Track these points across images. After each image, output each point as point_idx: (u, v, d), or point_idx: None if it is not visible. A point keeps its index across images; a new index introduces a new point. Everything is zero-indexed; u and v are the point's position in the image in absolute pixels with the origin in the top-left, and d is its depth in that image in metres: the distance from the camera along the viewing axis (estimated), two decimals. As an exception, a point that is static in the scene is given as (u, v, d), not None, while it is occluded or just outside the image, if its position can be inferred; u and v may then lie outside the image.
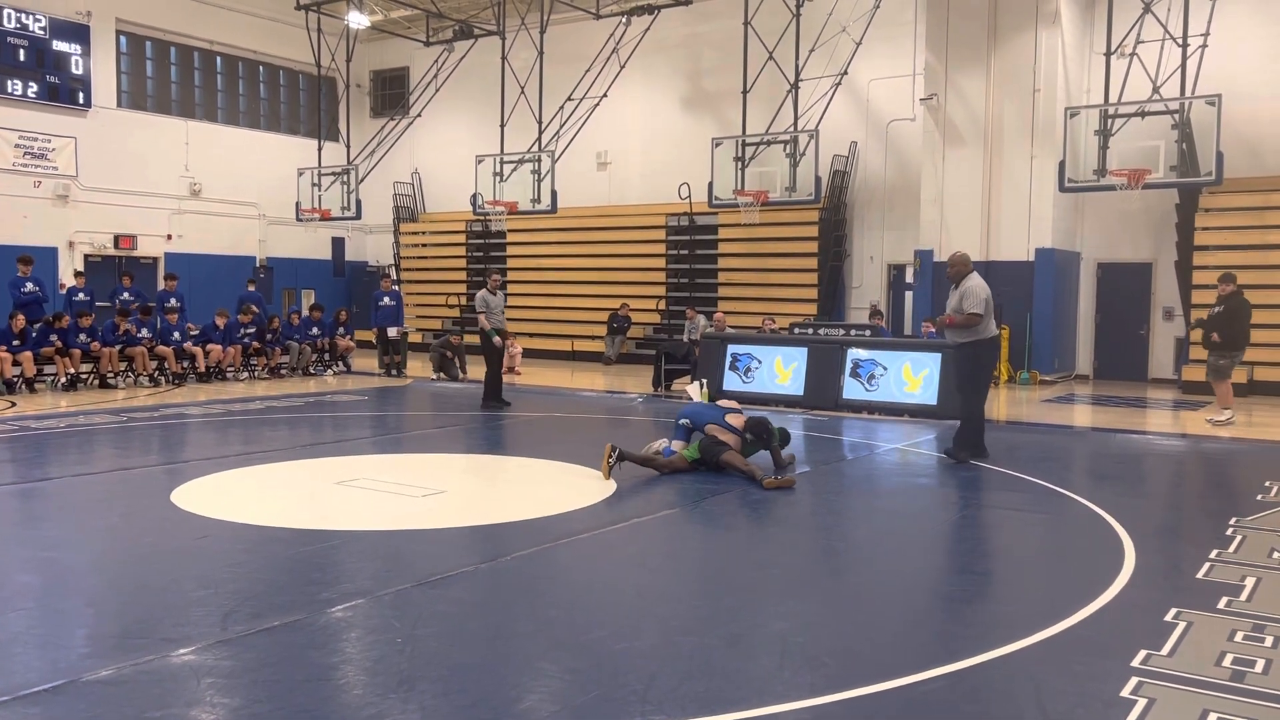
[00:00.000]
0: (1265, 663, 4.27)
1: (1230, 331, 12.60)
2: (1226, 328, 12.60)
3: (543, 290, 24.27)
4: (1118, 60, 15.35)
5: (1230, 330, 12.61)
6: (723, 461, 8.50)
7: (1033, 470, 9.02)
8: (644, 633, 4.70)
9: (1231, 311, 12.64)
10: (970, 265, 9.64)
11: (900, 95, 19.73)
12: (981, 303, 9.20)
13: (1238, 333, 12.67)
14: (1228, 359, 12.65)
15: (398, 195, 26.65)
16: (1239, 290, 12.82)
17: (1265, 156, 16.86)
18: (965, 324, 9.27)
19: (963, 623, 4.91)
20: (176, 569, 5.67)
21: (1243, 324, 12.67)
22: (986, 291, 9.35)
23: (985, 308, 9.24)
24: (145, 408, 13.16)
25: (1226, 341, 12.60)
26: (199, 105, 24.79)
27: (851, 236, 21.13)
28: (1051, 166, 16.29)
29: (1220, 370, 12.66)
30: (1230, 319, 12.62)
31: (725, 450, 8.56)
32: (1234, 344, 12.66)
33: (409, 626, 4.66)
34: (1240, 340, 12.71)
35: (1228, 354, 12.65)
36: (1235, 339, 12.66)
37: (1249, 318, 12.79)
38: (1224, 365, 12.64)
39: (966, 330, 9.35)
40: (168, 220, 23.33)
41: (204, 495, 7.56)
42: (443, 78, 24.08)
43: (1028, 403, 15.00)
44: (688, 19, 21.86)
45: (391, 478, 8.46)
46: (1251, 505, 7.55)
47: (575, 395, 16.00)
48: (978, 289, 9.27)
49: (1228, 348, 12.63)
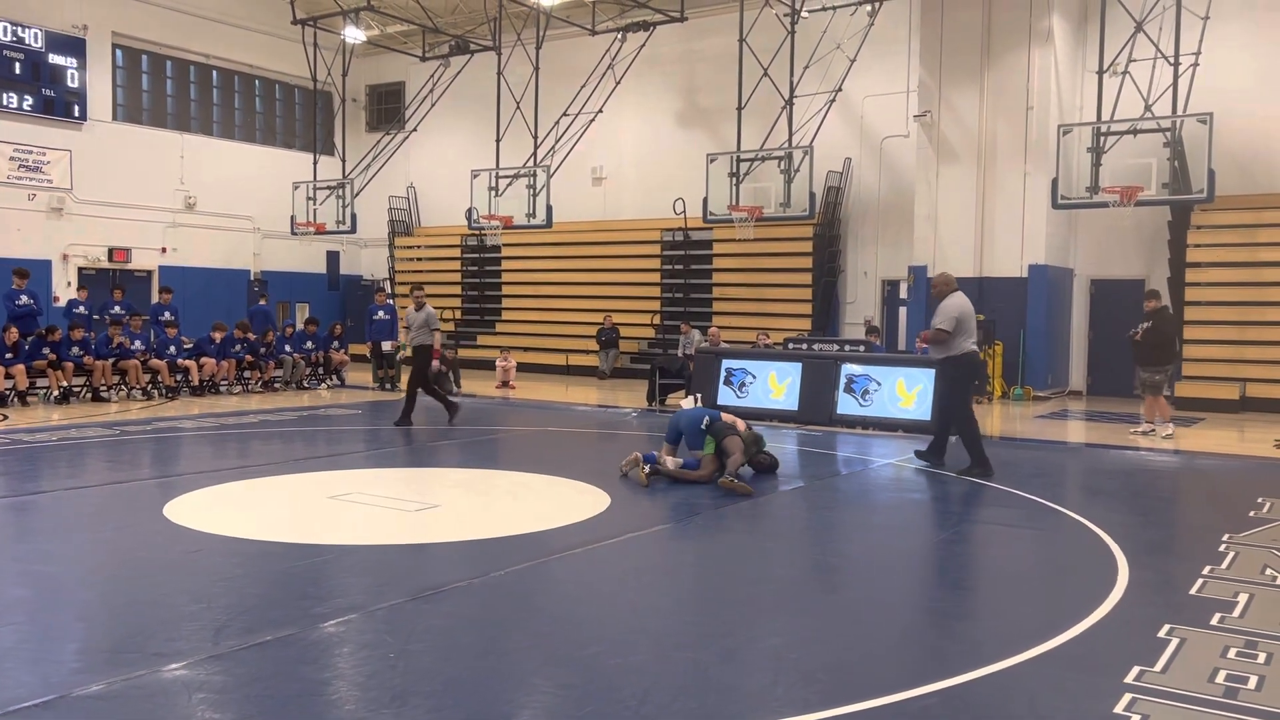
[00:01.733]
0: (1258, 679, 4.27)
1: (1158, 345, 12.80)
2: (1156, 343, 12.79)
3: (538, 305, 24.30)
4: (1110, 78, 15.45)
5: (1158, 344, 12.80)
6: (726, 446, 8.70)
7: (1026, 486, 9.03)
8: (638, 648, 4.69)
9: (1159, 328, 12.82)
10: (953, 285, 9.90)
11: (894, 112, 19.84)
12: (950, 320, 9.50)
13: (1166, 346, 12.88)
14: (1161, 374, 12.84)
15: (393, 209, 26.69)
16: (1165, 307, 13.05)
17: (1256, 175, 16.96)
18: (934, 340, 9.65)
19: (956, 638, 4.91)
20: (168, 583, 5.65)
21: (1171, 339, 12.92)
22: (959, 310, 9.61)
23: (955, 325, 9.52)
24: (138, 421, 13.13)
25: (1156, 357, 12.80)
26: (194, 119, 24.82)
27: (846, 252, 21.19)
28: (1044, 183, 16.37)
29: (1155, 386, 12.83)
30: (1159, 335, 12.80)
31: (734, 434, 8.82)
32: (1165, 359, 12.89)
33: (402, 641, 4.64)
34: (1171, 355, 12.95)
35: (1160, 369, 12.84)
36: (1166, 354, 12.88)
37: (1177, 333, 12.91)
38: (1159, 381, 12.82)
39: (940, 347, 9.70)
40: (162, 233, 23.34)
41: (197, 509, 7.53)
42: (439, 92, 24.15)
43: (1021, 418, 15.02)
44: (683, 35, 21.97)
45: (385, 492, 8.44)
46: (1244, 521, 7.56)
47: (569, 409, 16.00)
48: (949, 307, 9.60)
49: (1159, 363, 12.83)
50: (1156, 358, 12.83)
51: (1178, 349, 12.97)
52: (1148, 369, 12.91)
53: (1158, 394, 12.85)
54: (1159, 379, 12.83)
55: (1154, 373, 12.85)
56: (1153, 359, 12.84)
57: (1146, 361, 12.92)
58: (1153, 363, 12.85)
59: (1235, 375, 16.12)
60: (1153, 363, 12.85)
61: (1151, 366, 12.86)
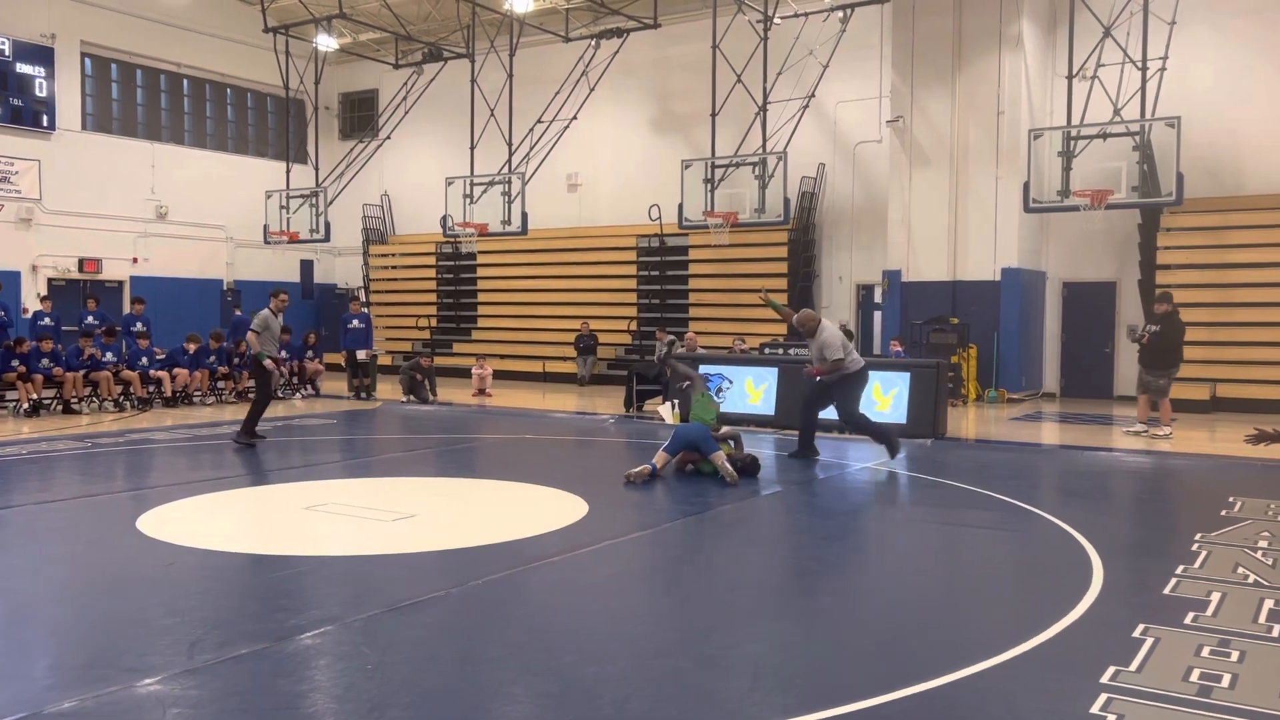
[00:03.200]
0: (1231, 677, 4.32)
1: (1167, 349, 12.84)
2: (1164, 347, 12.83)
3: (514, 312, 24.27)
4: (1079, 83, 15.63)
5: (1167, 348, 12.85)
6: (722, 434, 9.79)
7: (1001, 488, 9.09)
8: (616, 656, 4.68)
9: (1166, 331, 12.86)
10: (817, 319, 10.76)
11: (867, 117, 19.97)
12: (838, 348, 10.50)
13: (1174, 351, 12.90)
14: (1165, 377, 12.88)
15: (367, 217, 26.57)
16: (1175, 310, 13.03)
17: (1223, 177, 17.19)
18: (832, 370, 10.53)
19: (934, 641, 4.93)
20: (142, 597, 5.58)
21: (1178, 344, 12.93)
22: (840, 337, 10.72)
23: (844, 350, 10.55)
24: (110, 433, 12.99)
25: (1164, 360, 12.84)
26: (165, 128, 24.62)
27: (820, 257, 21.29)
28: (1016, 187, 16.52)
29: (1160, 389, 12.90)
30: (1165, 339, 12.84)
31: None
32: (1172, 362, 12.90)
33: (378, 653, 4.61)
34: (1177, 358, 12.95)
35: (1165, 372, 12.88)
36: (1172, 357, 12.89)
37: (1183, 337, 13.03)
38: (1163, 384, 12.88)
39: (837, 370, 10.57)
40: (133, 243, 23.12)
41: (170, 522, 7.45)
42: (412, 100, 24.08)
43: (996, 421, 15.13)
44: (656, 42, 22.02)
45: (361, 502, 8.39)
46: (1216, 520, 7.64)
47: (547, 417, 15.97)
48: (831, 338, 10.54)
49: (1165, 366, 12.87)
50: (1162, 361, 12.83)
51: (1182, 353, 13.01)
52: (1152, 372, 12.94)
53: (1162, 396, 12.87)
54: (1163, 383, 12.86)
55: (1158, 376, 12.88)
56: (1158, 362, 12.85)
57: (1152, 365, 12.95)
58: (1158, 366, 12.86)
59: (1206, 376, 16.29)
60: (1158, 366, 12.86)
61: (1156, 370, 12.88)
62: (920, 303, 18.36)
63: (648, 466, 9.18)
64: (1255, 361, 16.14)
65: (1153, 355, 12.93)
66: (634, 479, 9.03)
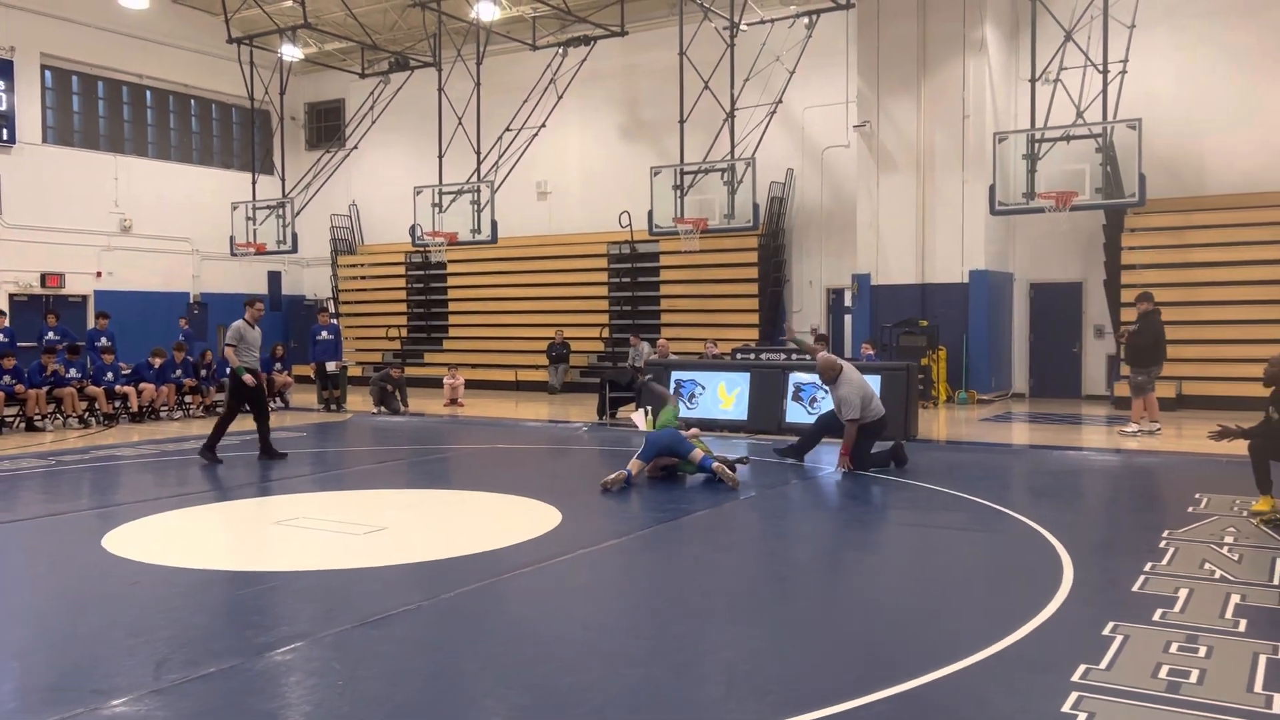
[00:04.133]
0: (1199, 673, 4.36)
1: (1148, 347, 13.02)
2: (1145, 345, 13.02)
3: (485, 321, 24.18)
4: (1042, 86, 15.80)
5: (1150, 347, 13.02)
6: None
7: (972, 489, 9.15)
8: (590, 666, 4.66)
9: (1145, 329, 13.05)
10: (838, 368, 10.24)
11: (834, 122, 20.09)
12: (856, 407, 10.02)
13: (1155, 348, 13.08)
14: (1145, 375, 13.07)
15: (335, 228, 26.41)
16: (1156, 309, 13.24)
17: (1185, 177, 17.43)
18: (853, 435, 10.08)
19: (907, 644, 4.94)
20: (108, 617, 5.50)
21: (1160, 341, 13.11)
22: (859, 390, 10.18)
23: (861, 405, 10.06)
24: (75, 450, 12.80)
25: (1145, 358, 13.02)
26: (129, 140, 24.36)
27: (791, 262, 21.38)
28: (982, 190, 16.67)
29: (1141, 386, 13.08)
30: (1144, 337, 13.04)
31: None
32: (1154, 360, 13.08)
33: (350, 668, 4.56)
34: (1159, 356, 13.14)
35: (1146, 370, 13.07)
36: (1155, 355, 13.07)
37: (1163, 334, 13.23)
38: (1143, 381, 13.07)
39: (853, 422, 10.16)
40: (97, 257, 22.84)
41: (137, 539, 7.35)
42: (379, 109, 23.97)
43: (966, 422, 15.24)
44: (624, 50, 22.06)
45: (332, 516, 8.31)
46: (1183, 517, 7.73)
47: (519, 426, 15.91)
48: (848, 394, 10.05)
49: (1147, 364, 13.05)
50: (1143, 359, 13.02)
51: (1164, 351, 13.22)
52: (1134, 370, 13.14)
53: (1143, 393, 13.06)
54: (1141, 379, 13.05)
55: (1138, 373, 13.08)
56: (1139, 360, 13.05)
57: (1133, 362, 13.16)
58: (1139, 363, 13.06)
59: (1171, 374, 16.45)
60: (1139, 363, 13.06)
61: (1137, 367, 13.08)
62: (890, 306, 18.48)
63: (623, 473, 9.18)
64: (1219, 359, 16.35)
65: (1134, 353, 13.14)
66: (610, 486, 9.03)
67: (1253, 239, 16.70)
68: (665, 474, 9.67)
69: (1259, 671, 4.39)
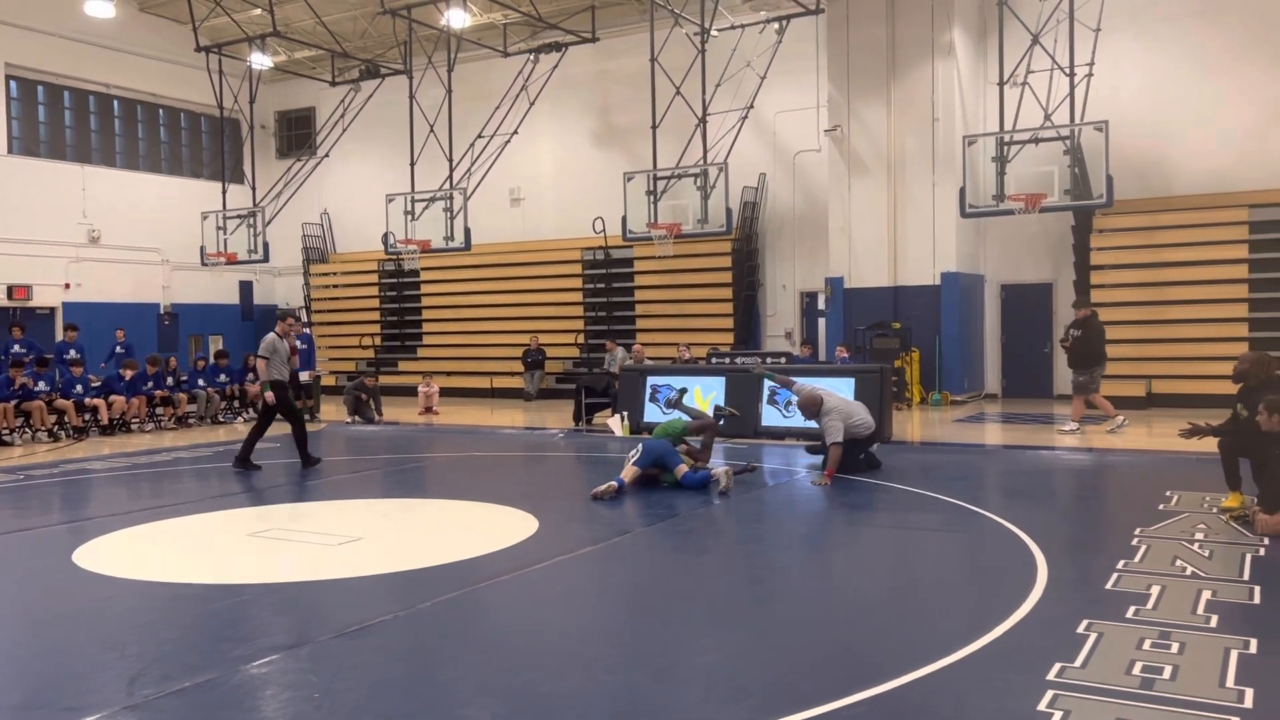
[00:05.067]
0: (1172, 669, 4.41)
1: (1091, 351, 13.45)
2: (1086, 348, 13.44)
3: (460, 328, 24.10)
4: (1010, 90, 15.95)
5: (1090, 350, 13.45)
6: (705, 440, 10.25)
7: (947, 490, 9.21)
8: (570, 673, 4.65)
9: (1087, 334, 13.48)
10: (818, 401, 10.12)
11: (805, 127, 20.18)
12: (839, 430, 9.88)
13: (1098, 352, 13.53)
14: (1088, 375, 13.47)
15: (307, 236, 26.23)
16: (1093, 313, 13.72)
17: (1151, 179, 17.64)
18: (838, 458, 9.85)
19: (884, 645, 4.97)
20: (79, 632, 5.43)
21: (1099, 343, 13.56)
22: (843, 413, 10.02)
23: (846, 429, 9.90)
24: (44, 464, 12.63)
25: (1087, 360, 13.45)
26: (96, 150, 24.11)
27: (764, 266, 21.45)
28: (953, 192, 16.80)
29: (1083, 386, 13.48)
30: (1087, 340, 13.45)
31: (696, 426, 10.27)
32: (1095, 361, 13.51)
33: (327, 680, 4.53)
34: (1101, 357, 13.59)
35: (1088, 371, 13.48)
36: (1096, 357, 13.50)
37: (1104, 337, 13.68)
38: (1084, 382, 13.47)
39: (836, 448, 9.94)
40: (65, 269, 22.57)
41: (108, 554, 7.27)
42: (350, 117, 23.85)
43: (940, 423, 15.34)
44: (595, 56, 22.07)
45: (306, 526, 8.25)
46: (1154, 515, 7.81)
47: (495, 433, 15.86)
48: (832, 422, 9.90)
49: (1089, 365, 13.47)
50: (1085, 360, 13.44)
51: (1105, 352, 13.60)
52: (1079, 372, 13.52)
53: (1088, 393, 13.45)
54: (1084, 379, 13.43)
55: (1080, 374, 13.47)
56: (1082, 362, 13.47)
57: (1077, 364, 13.56)
58: (1082, 365, 13.47)
59: (1141, 373, 16.71)
60: (1082, 365, 13.47)
61: (1081, 369, 13.48)
62: (863, 309, 18.58)
63: (614, 484, 9.13)
64: (1188, 357, 16.55)
65: (1076, 356, 13.56)
66: (601, 495, 9.00)
67: (1219, 238, 16.93)
68: (645, 480, 9.68)
69: (1230, 666, 4.44)
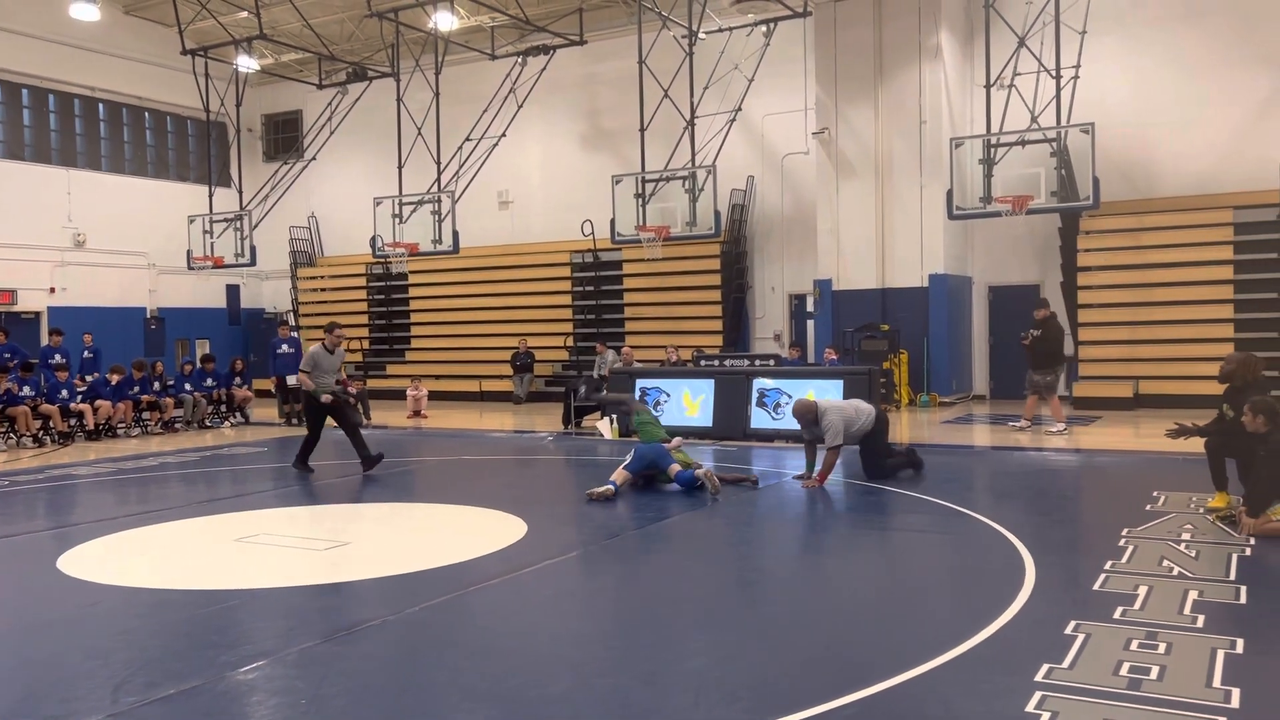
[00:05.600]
0: (1159, 669, 4.42)
1: (1048, 351, 13.75)
2: (1044, 347, 13.72)
3: (448, 331, 24.04)
4: (997, 92, 16.01)
5: (1048, 350, 13.75)
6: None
7: (935, 491, 9.22)
8: (559, 677, 4.63)
9: (1047, 335, 13.77)
10: (813, 408, 10.02)
11: (793, 130, 20.21)
12: (839, 432, 9.75)
13: (1054, 352, 13.85)
14: (1053, 375, 13.75)
15: (294, 240, 26.12)
16: (1053, 314, 14.06)
17: (1137, 180, 17.73)
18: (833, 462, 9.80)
19: (874, 647, 4.97)
20: (63, 640, 5.39)
21: (1057, 344, 13.89)
22: (840, 415, 9.83)
23: (844, 429, 9.76)
24: (29, 470, 12.55)
25: (1046, 361, 13.72)
26: (81, 154, 23.97)
27: (753, 268, 21.47)
28: (940, 195, 16.84)
29: (1049, 386, 13.71)
30: (1045, 340, 13.74)
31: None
32: (1053, 362, 13.81)
33: (314, 686, 4.50)
34: (1060, 359, 13.97)
35: (1049, 371, 13.74)
36: (1053, 357, 13.82)
37: (1063, 338, 14.05)
38: (1050, 381, 13.71)
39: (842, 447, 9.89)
40: (50, 273, 22.43)
41: (93, 560, 7.22)
42: (337, 120, 23.78)
43: (929, 425, 15.37)
44: (583, 59, 22.06)
45: (294, 531, 8.22)
46: (1141, 515, 7.84)
47: (484, 437, 15.82)
48: (834, 423, 9.75)
49: (1048, 366, 13.74)
50: (1044, 362, 13.72)
51: (1066, 353, 13.89)
52: (1038, 372, 13.77)
53: (1049, 394, 13.68)
54: (1049, 380, 13.70)
55: (1044, 374, 13.72)
56: (1041, 363, 13.73)
57: (1036, 365, 13.82)
58: (1042, 366, 13.73)
59: (1128, 374, 16.78)
60: (1042, 366, 13.73)
61: (1041, 370, 13.73)
62: (851, 311, 18.61)
63: (610, 487, 9.18)
64: (1174, 358, 16.62)
65: (1035, 357, 13.79)
66: (596, 498, 9.04)
67: (1204, 239, 17.01)
68: (642, 481, 9.72)
69: (1217, 666, 4.46)
